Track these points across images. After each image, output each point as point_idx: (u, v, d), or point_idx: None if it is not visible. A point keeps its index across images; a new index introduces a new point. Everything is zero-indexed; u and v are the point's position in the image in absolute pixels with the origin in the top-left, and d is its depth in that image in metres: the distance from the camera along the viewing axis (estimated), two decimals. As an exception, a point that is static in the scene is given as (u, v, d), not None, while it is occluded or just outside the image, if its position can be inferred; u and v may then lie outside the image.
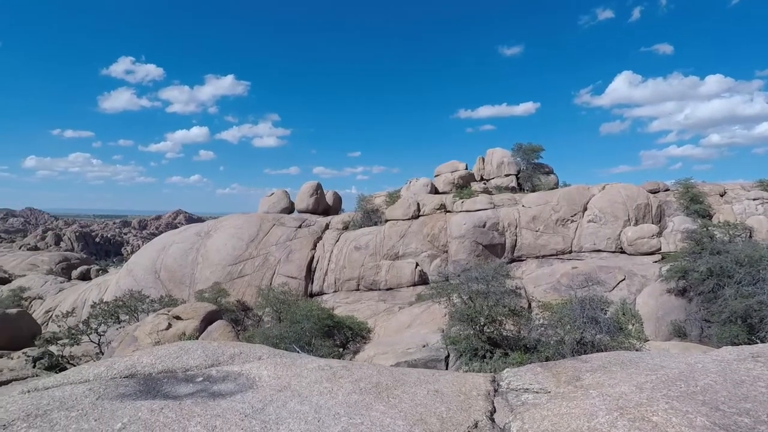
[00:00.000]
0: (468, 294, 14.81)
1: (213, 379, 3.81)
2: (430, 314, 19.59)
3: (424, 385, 3.61)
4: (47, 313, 28.21)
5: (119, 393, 3.54)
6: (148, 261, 27.04)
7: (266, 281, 24.24)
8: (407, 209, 26.13)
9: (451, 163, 31.23)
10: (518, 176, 30.15)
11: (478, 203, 25.47)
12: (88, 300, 25.88)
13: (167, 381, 3.81)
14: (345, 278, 24.69)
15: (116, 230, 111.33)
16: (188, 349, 4.36)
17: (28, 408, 3.30)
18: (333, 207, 33.28)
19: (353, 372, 3.81)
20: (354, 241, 25.63)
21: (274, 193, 32.20)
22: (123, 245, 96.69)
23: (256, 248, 25.75)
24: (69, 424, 2.99)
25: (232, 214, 30.49)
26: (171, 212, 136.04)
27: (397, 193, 30.15)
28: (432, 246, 24.88)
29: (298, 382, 3.60)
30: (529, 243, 24.36)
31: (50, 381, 4.04)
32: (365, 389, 3.44)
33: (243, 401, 3.26)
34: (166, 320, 14.32)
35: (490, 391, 3.58)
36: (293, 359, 4.30)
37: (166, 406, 3.17)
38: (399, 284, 24.25)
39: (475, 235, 24.11)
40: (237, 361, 4.20)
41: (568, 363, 3.93)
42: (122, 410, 3.14)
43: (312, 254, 25.51)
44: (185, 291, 24.69)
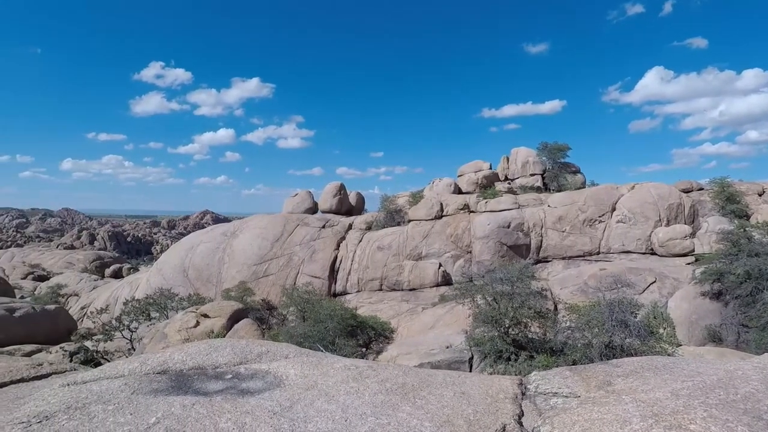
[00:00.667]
0: (492, 295, 14.64)
1: (242, 376, 3.89)
2: (453, 315, 19.46)
3: (451, 386, 3.58)
4: (82, 310, 29.32)
5: (152, 388, 3.65)
6: (176, 260, 27.76)
7: (290, 281, 24.56)
8: (430, 209, 26.02)
9: (475, 163, 30.95)
10: (544, 176, 29.62)
11: (503, 203, 25.16)
12: (120, 297, 26.78)
13: (198, 377, 3.91)
14: (368, 278, 24.77)
15: (146, 230, 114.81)
16: (217, 346, 4.46)
17: (68, 401, 3.44)
18: (356, 207, 33.45)
19: (379, 372, 3.82)
20: (377, 241, 25.68)
21: (298, 193, 32.59)
22: (153, 244, 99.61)
23: (281, 248, 26.11)
24: (106, 417, 3.10)
25: (257, 215, 31.02)
26: (198, 212, 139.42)
27: (420, 194, 30.07)
28: (455, 246, 24.70)
29: (325, 381, 3.64)
30: (555, 244, 23.90)
31: (88, 375, 4.20)
32: (391, 390, 3.44)
33: (271, 399, 3.31)
34: (195, 318, 14.69)
35: (517, 394, 3.53)
36: (319, 358, 4.35)
37: (198, 402, 3.25)
38: (422, 285, 24.18)
39: (499, 236, 23.82)
40: (264, 359, 4.27)
41: (598, 367, 3.84)
42: (156, 405, 3.24)
43: (335, 254, 25.69)
44: (212, 289, 25.25)
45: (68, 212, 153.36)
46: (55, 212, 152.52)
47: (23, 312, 18.98)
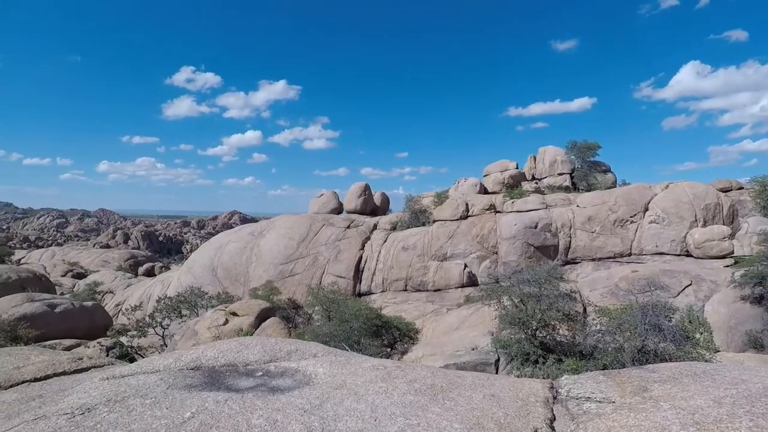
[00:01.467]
0: (519, 297, 14.42)
1: (272, 374, 3.95)
2: (479, 317, 19.26)
3: (480, 388, 3.55)
4: (117, 306, 30.43)
5: (187, 384, 3.75)
6: (206, 259, 28.46)
7: (316, 280, 24.81)
8: (456, 210, 25.82)
9: (501, 163, 30.53)
10: (572, 175, 28.96)
11: (530, 203, 24.73)
12: (153, 295, 27.65)
13: (229, 374, 4.00)
14: (393, 278, 24.77)
15: (177, 230, 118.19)
16: (248, 344, 4.55)
17: (108, 394, 3.58)
18: (381, 207, 33.52)
19: (407, 373, 3.82)
20: (402, 241, 25.66)
21: (324, 194, 32.90)
22: (183, 244, 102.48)
23: (307, 248, 26.41)
24: (144, 411, 3.21)
25: (284, 215, 31.48)
26: (227, 213, 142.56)
27: (445, 194, 29.88)
28: (481, 247, 24.43)
29: (354, 380, 3.66)
30: (585, 245, 23.33)
31: (126, 369, 4.36)
32: (420, 390, 3.43)
33: (301, 397, 3.35)
34: (224, 316, 15.03)
35: (548, 398, 3.46)
36: (347, 358, 4.38)
37: (230, 399, 3.32)
38: (447, 285, 24.02)
39: (526, 236, 23.43)
40: (293, 357, 4.33)
41: (633, 372, 3.72)
42: (190, 400, 3.33)
43: (360, 254, 25.81)
44: (240, 288, 25.77)
45: (104, 212, 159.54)
46: (92, 212, 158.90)
47: (63, 308, 19.84)
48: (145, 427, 2.95)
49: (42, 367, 5.89)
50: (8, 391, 5.18)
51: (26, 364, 6.04)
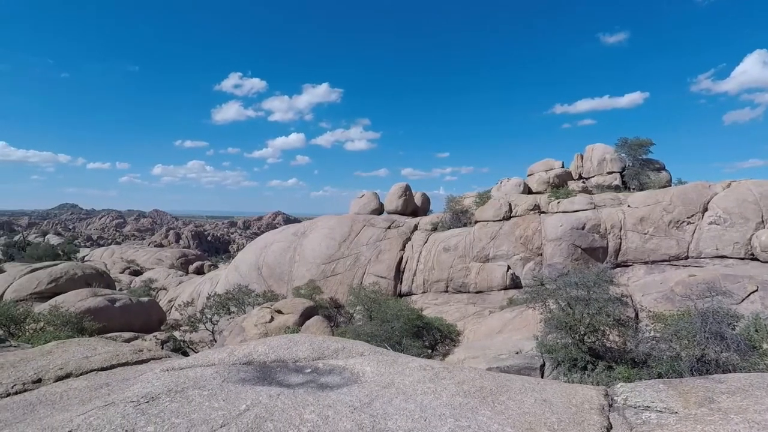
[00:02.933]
0: (566, 300, 13.94)
1: (320, 371, 4.04)
2: (522, 320, 18.79)
3: (530, 393, 3.47)
4: (170, 302, 32.03)
5: (240, 377, 3.91)
6: (251, 258, 29.42)
7: (357, 280, 25.06)
8: (498, 210, 25.32)
9: (546, 162, 29.65)
10: (623, 174, 27.68)
11: (577, 203, 23.86)
12: (202, 292, 28.91)
13: (280, 370, 4.12)
14: (433, 279, 24.62)
15: (224, 230, 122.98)
16: (297, 341, 4.68)
17: (169, 384, 3.79)
18: (421, 208, 33.41)
19: (455, 374, 3.79)
20: (443, 242, 25.46)
21: (365, 194, 33.19)
22: (230, 243, 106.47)
23: (348, 248, 26.73)
24: (203, 402, 3.37)
25: (326, 215, 32.02)
26: (271, 213, 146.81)
27: (487, 194, 29.38)
28: (525, 248, 23.82)
29: (401, 380, 3.68)
30: (636, 247, 22.22)
31: (183, 362, 4.59)
32: (469, 392, 3.40)
33: (350, 394, 3.41)
34: (269, 313, 15.49)
35: (604, 405, 3.33)
36: (394, 357, 4.41)
37: (282, 393, 3.43)
38: (489, 287, 23.60)
39: (572, 238, 22.62)
40: (341, 355, 4.41)
41: (696, 382, 3.52)
42: (245, 393, 3.47)
43: (401, 255, 25.83)
44: (284, 287, 26.46)
45: (158, 213, 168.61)
46: (147, 213, 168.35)
47: (122, 303, 21.12)
48: (204, 417, 3.09)
49: (107, 358, 6.31)
50: (79, 379, 5.58)
51: (94, 354, 6.48)
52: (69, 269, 24.86)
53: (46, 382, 5.55)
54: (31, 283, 22.99)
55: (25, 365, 5.91)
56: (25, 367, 5.86)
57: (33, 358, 6.17)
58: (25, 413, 4.42)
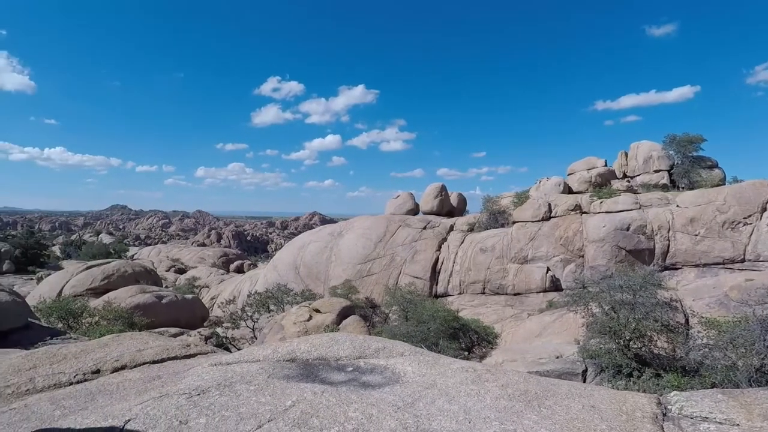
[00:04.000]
0: (610, 304, 13.45)
1: (362, 370, 4.09)
2: (563, 324, 18.27)
3: (577, 398, 3.37)
4: (212, 300, 33.20)
5: (285, 374, 4.01)
6: (289, 258, 30.05)
7: (393, 280, 25.11)
8: (537, 210, 24.72)
9: (587, 160, 28.66)
10: (671, 172, 26.35)
11: (621, 203, 22.94)
12: (243, 290, 29.79)
13: (322, 367, 4.20)
14: (470, 281, 24.32)
15: (263, 230, 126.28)
16: (338, 340, 4.75)
17: (218, 379, 3.94)
18: (457, 208, 33.09)
19: (498, 377, 3.74)
20: (479, 243, 25.11)
21: (400, 195, 33.21)
22: (268, 243, 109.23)
23: (384, 248, 26.83)
24: (250, 396, 3.49)
25: (361, 216, 32.27)
26: (308, 214, 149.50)
27: (525, 194, 28.73)
28: (565, 250, 23.13)
29: (444, 381, 3.67)
30: (686, 249, 21.11)
31: (230, 357, 4.76)
32: (513, 396, 3.35)
33: (393, 394, 3.43)
34: (308, 312, 15.79)
35: (657, 414, 3.19)
36: (435, 358, 4.40)
37: (326, 391, 3.49)
38: (527, 289, 23.07)
39: (616, 239, 21.76)
40: (381, 355, 4.44)
41: (761, 393, 3.31)
42: (290, 389, 3.56)
43: (437, 255, 25.67)
44: (320, 286, 26.86)
45: (201, 214, 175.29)
46: (190, 214, 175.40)
47: (168, 300, 22.07)
48: (252, 411, 3.20)
49: (158, 351, 6.62)
50: (133, 370, 5.90)
51: (146, 347, 6.82)
52: (120, 267, 26.22)
53: (104, 373, 5.89)
54: (87, 279, 24.41)
55: (84, 356, 6.29)
56: (85, 358, 6.24)
57: (92, 350, 6.56)
58: (86, 401, 4.71)
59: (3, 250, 36.86)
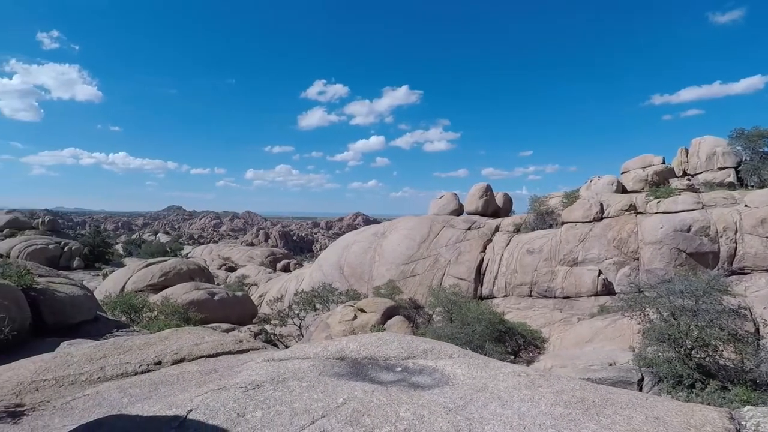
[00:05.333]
0: (669, 310, 12.67)
1: (410, 370, 4.09)
2: (616, 329, 17.44)
3: (639, 408, 3.20)
4: (260, 297, 34.32)
5: (335, 372, 4.09)
6: (334, 258, 30.54)
7: (436, 281, 24.93)
8: (588, 210, 23.73)
9: (643, 158, 27.19)
10: (738, 169, 24.48)
11: (681, 203, 21.59)
12: (289, 289, 30.60)
13: (371, 367, 4.25)
14: (516, 283, 23.72)
15: (308, 230, 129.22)
16: (386, 340, 4.78)
17: (271, 374, 4.08)
18: (503, 209, 32.37)
19: (553, 383, 3.63)
20: (526, 244, 24.44)
21: (444, 195, 32.93)
22: (313, 243, 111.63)
23: (427, 249, 26.70)
24: (302, 392, 3.58)
25: (405, 216, 32.28)
26: (351, 214, 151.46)
27: (575, 193, 27.66)
28: (619, 252, 22.06)
29: (495, 385, 3.60)
30: (756, 252, 19.54)
31: (282, 354, 4.91)
32: (570, 403, 3.23)
33: (443, 395, 3.41)
34: (353, 312, 16.00)
35: (730, 430, 2.98)
36: (485, 361, 4.33)
37: (376, 390, 3.53)
38: (577, 293, 22.19)
39: (675, 241, 20.50)
40: (430, 356, 4.43)
41: None
42: (341, 387, 3.62)
43: (481, 257, 25.24)
44: (364, 286, 27.11)
45: (249, 214, 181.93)
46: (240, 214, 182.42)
47: (220, 297, 23.05)
48: (305, 407, 3.28)
49: (214, 346, 6.93)
50: (191, 363, 6.21)
51: (202, 342, 7.16)
52: (176, 265, 27.69)
53: (165, 365, 6.25)
54: (146, 276, 25.96)
55: (148, 348, 6.70)
56: (148, 350, 6.64)
57: (154, 342, 6.97)
58: (150, 390, 5.01)
59: (74, 248, 39.93)
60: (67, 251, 39.64)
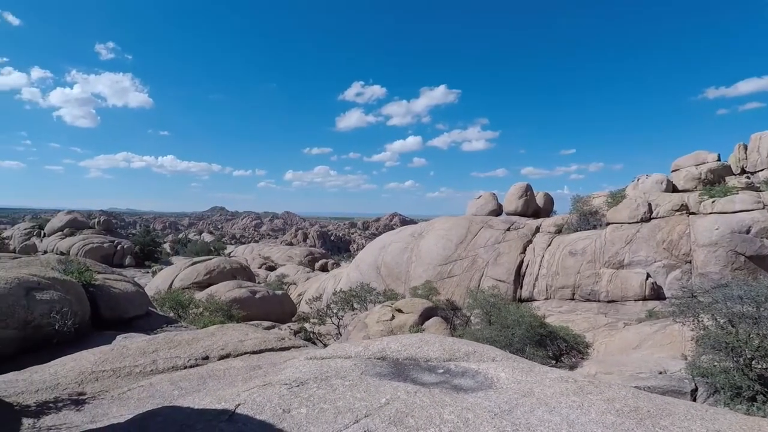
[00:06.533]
0: (727, 316, 11.91)
1: (452, 372, 4.05)
2: (666, 336, 16.62)
3: (698, 420, 3.03)
4: (299, 296, 35.00)
5: (377, 372, 4.11)
6: (371, 258, 30.71)
7: (474, 283, 24.57)
8: (635, 211, 22.70)
9: (696, 154, 25.70)
10: (805, 166, 22.73)
11: (739, 202, 20.25)
12: (327, 288, 31.04)
13: (412, 368, 4.24)
14: (558, 286, 23.02)
15: (345, 230, 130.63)
16: (427, 341, 4.76)
17: (315, 372, 4.15)
18: (543, 209, 31.49)
19: (602, 390, 3.49)
20: (569, 245, 23.67)
21: (482, 195, 32.42)
22: (350, 243, 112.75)
23: (465, 250, 26.37)
24: (345, 391, 3.62)
25: (442, 217, 32.01)
26: (388, 215, 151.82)
27: (620, 193, 26.53)
28: (669, 254, 20.96)
29: (542, 390, 3.50)
30: (826, 256, 18.08)
31: (324, 352, 4.99)
32: (622, 411, 3.10)
33: (488, 399, 3.35)
34: (390, 312, 16.03)
35: (802, 447, 2.76)
36: (530, 366, 4.22)
37: (419, 391, 3.51)
38: (624, 297, 21.27)
39: (733, 243, 19.25)
40: (472, 359, 4.37)
41: None
42: (383, 387, 3.64)
43: (521, 258, 24.66)
44: (401, 286, 27.10)
45: (288, 215, 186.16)
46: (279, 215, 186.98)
47: (261, 295, 23.70)
48: (348, 406, 3.32)
49: (257, 343, 7.13)
50: (237, 359, 6.42)
51: (246, 338, 7.38)
52: (220, 263, 28.72)
53: (212, 360, 6.49)
54: (192, 274, 27.07)
55: (196, 344, 6.98)
56: (196, 345, 6.92)
57: (201, 338, 7.26)
58: (199, 384, 5.21)
59: (126, 247, 42.22)
60: (120, 250, 41.98)
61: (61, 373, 5.53)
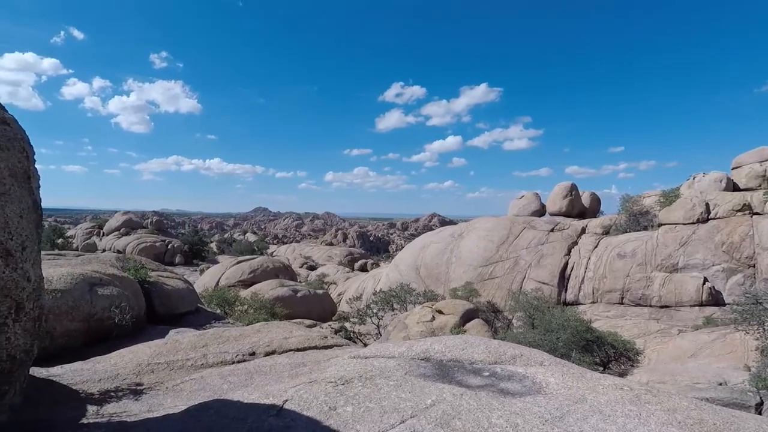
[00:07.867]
0: (797, 325, 11.03)
1: (498, 376, 3.96)
2: (726, 345, 15.59)
3: (771, 437, 2.80)
4: (339, 296, 35.45)
5: (421, 372, 4.08)
6: (410, 258, 30.64)
7: (516, 285, 24.00)
8: (691, 211, 21.42)
9: (761, 150, 23.93)
10: None
11: (810, 203, 18.70)
12: (367, 288, 31.25)
13: (457, 369, 4.18)
14: (605, 289, 22.08)
15: (384, 230, 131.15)
16: (472, 343, 4.68)
17: (359, 371, 4.18)
18: (590, 209, 30.31)
19: (662, 400, 3.30)
20: (617, 247, 22.66)
21: (524, 195, 31.62)
22: (389, 243, 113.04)
23: (506, 251, 25.81)
24: (390, 391, 3.62)
25: (482, 217, 31.48)
26: (427, 215, 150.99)
27: (674, 192, 25.12)
28: (729, 258, 19.64)
29: (595, 397, 3.36)
30: None
31: (367, 351, 5.01)
32: (685, 424, 2.92)
33: (537, 405, 3.25)
34: (431, 313, 15.93)
35: None
36: (581, 371, 4.06)
37: (465, 394, 3.46)
38: (678, 302, 20.11)
39: (803, 247, 17.79)
40: (519, 362, 4.26)
41: None
42: (428, 388, 3.61)
43: (566, 260, 23.85)
44: (440, 287, 26.86)
45: (329, 215, 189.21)
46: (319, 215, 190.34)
47: (302, 294, 24.18)
48: (394, 406, 3.32)
49: (301, 340, 7.28)
50: (282, 356, 6.57)
51: (290, 336, 7.55)
52: (263, 262, 29.57)
53: (258, 356, 6.68)
54: (237, 272, 28.02)
55: (243, 340, 7.21)
56: (243, 341, 7.14)
57: (248, 334, 7.49)
58: (247, 379, 5.38)
59: (176, 246, 44.32)
60: (171, 248, 44.12)
61: (121, 365, 5.86)
